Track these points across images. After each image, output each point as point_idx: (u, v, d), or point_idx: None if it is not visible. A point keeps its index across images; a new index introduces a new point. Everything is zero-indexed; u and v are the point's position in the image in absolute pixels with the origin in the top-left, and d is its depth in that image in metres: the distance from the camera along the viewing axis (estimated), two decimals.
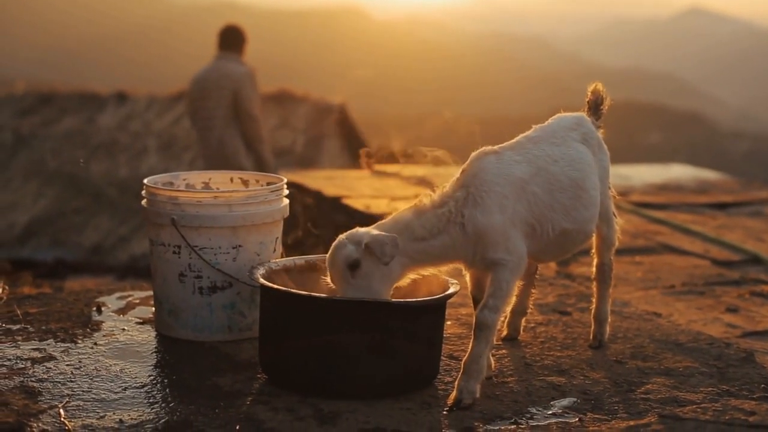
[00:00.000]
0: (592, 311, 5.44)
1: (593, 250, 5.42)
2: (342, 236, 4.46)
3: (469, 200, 4.52)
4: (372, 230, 4.45)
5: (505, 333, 5.47)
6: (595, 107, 5.33)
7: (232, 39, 12.13)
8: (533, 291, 5.51)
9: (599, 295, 5.41)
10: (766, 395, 4.73)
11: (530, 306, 5.54)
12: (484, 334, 4.49)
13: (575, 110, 5.29)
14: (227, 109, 11.74)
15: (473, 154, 4.70)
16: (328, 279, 4.53)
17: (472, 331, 4.52)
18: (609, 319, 5.45)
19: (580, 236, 4.92)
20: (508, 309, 4.75)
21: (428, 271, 4.69)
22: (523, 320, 5.51)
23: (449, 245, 4.52)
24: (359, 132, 23.98)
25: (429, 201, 4.57)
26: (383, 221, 4.58)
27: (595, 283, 5.44)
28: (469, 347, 4.52)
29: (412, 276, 4.67)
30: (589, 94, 5.36)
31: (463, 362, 4.54)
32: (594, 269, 5.43)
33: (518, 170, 4.64)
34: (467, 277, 4.82)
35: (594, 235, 5.24)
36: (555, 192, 4.72)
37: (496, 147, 4.77)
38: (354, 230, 4.48)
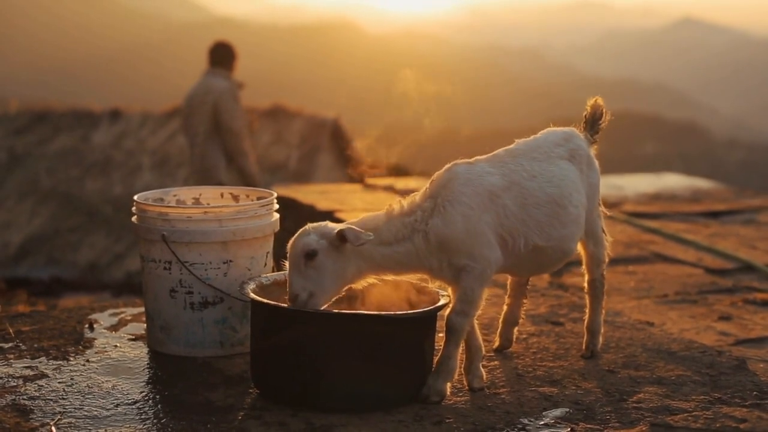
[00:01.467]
0: (585, 322, 5.43)
1: (584, 266, 5.41)
2: (309, 225, 4.54)
3: (436, 210, 4.56)
4: (328, 226, 4.53)
5: (497, 344, 5.45)
6: (592, 122, 5.28)
7: (219, 55, 12.24)
8: (525, 301, 5.47)
9: (591, 308, 5.39)
10: (758, 402, 4.74)
11: (522, 316, 5.50)
12: (453, 337, 4.60)
13: (570, 123, 5.28)
14: (208, 124, 11.81)
15: (447, 165, 4.73)
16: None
17: (444, 334, 4.63)
18: (602, 330, 5.42)
19: (557, 254, 4.88)
20: (476, 314, 4.69)
21: (390, 276, 4.75)
22: (515, 330, 5.48)
23: (413, 253, 4.57)
24: (353, 146, 24.00)
25: (398, 208, 4.64)
26: (352, 221, 4.63)
27: (587, 297, 5.42)
28: (441, 349, 4.63)
29: (371, 280, 4.73)
30: (588, 108, 5.31)
31: (435, 362, 4.64)
32: (586, 284, 5.42)
33: (488, 181, 4.64)
34: (449, 290, 4.84)
35: (583, 251, 5.26)
36: (529, 207, 4.70)
37: (472, 159, 4.78)
38: (323, 222, 4.56)
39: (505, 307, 5.42)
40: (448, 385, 4.67)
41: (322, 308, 4.52)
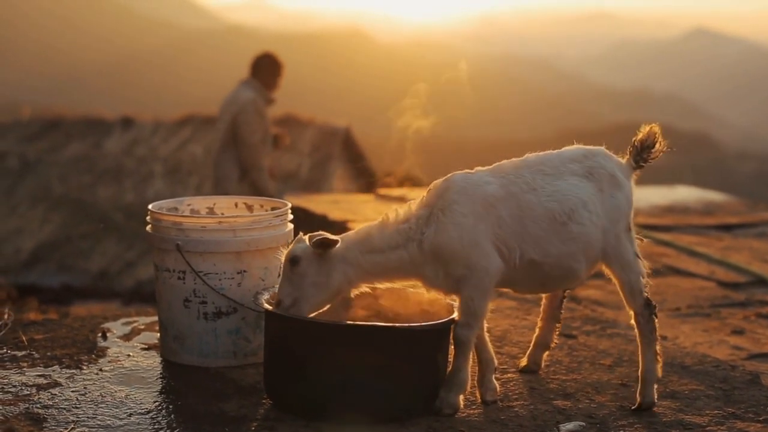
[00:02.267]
0: (640, 369, 4.91)
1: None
2: (305, 235, 4.60)
3: (431, 219, 4.57)
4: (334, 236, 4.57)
5: (524, 364, 5.36)
6: (640, 148, 5.00)
7: (256, 66, 12.02)
8: (558, 325, 5.33)
9: (641, 350, 4.91)
10: None
11: (555, 341, 5.36)
12: (461, 349, 4.60)
13: (582, 133, 5.21)
14: (226, 133, 11.76)
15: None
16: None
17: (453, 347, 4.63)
18: (658, 377, 4.90)
19: (557, 271, 4.73)
20: (481, 325, 4.65)
21: (384, 284, 4.77)
22: (545, 355, 5.36)
23: (406, 261, 4.58)
24: (365, 155, 24.01)
25: (394, 216, 4.65)
26: (350, 232, 4.68)
27: (637, 337, 4.97)
28: (452, 361, 4.63)
29: (364, 289, 4.75)
30: (640, 133, 5.03)
31: (447, 374, 4.64)
32: (632, 321, 4.98)
33: (484, 190, 4.61)
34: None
35: (613, 279, 4.95)
36: (525, 220, 4.63)
37: (473, 169, 4.76)
38: (319, 232, 4.58)
39: (537, 330, 5.33)
40: (461, 397, 4.67)
41: (338, 320, 4.53)
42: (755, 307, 7.21)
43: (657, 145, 5.02)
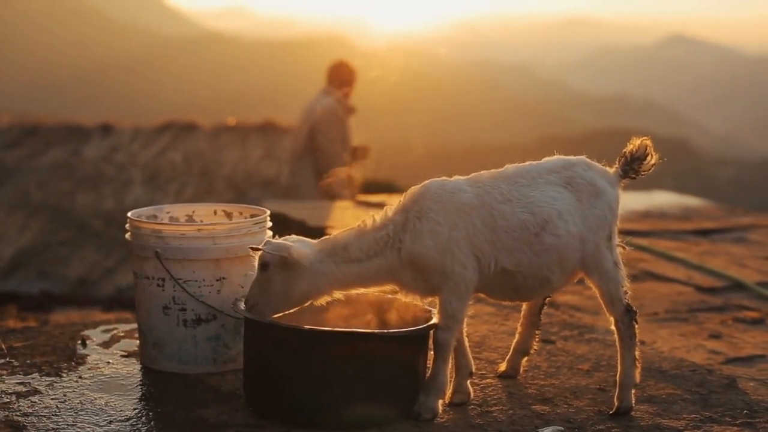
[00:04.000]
0: (617, 375, 4.94)
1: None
2: (290, 237, 4.66)
3: (407, 225, 4.60)
4: (303, 242, 4.63)
5: (503, 369, 5.39)
6: (630, 160, 4.99)
7: (331, 74, 11.98)
8: (537, 332, 5.35)
9: (620, 355, 4.93)
10: (749, 421, 4.77)
11: (534, 347, 5.37)
12: (440, 352, 4.64)
13: (562, 140, 5.24)
14: (304, 142, 11.70)
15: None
16: None
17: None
18: (635, 381, 4.91)
19: (531, 281, 4.75)
20: (460, 328, 4.69)
21: (359, 291, 4.78)
22: (524, 360, 5.39)
23: (385, 268, 4.61)
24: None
25: (371, 223, 4.67)
26: (324, 239, 4.69)
27: (616, 342, 4.98)
28: (431, 366, 4.68)
29: (338, 296, 4.74)
30: (630, 145, 5.02)
31: (426, 379, 4.69)
32: (613, 327, 4.99)
33: (458, 198, 4.64)
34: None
35: (593, 287, 4.96)
36: (498, 230, 4.64)
37: (452, 177, 4.79)
38: (300, 238, 4.66)
39: (517, 336, 5.35)
40: (440, 402, 4.69)
41: (316, 326, 4.54)
42: (732, 312, 7.25)
43: (649, 158, 5.02)
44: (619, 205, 5.00)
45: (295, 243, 4.60)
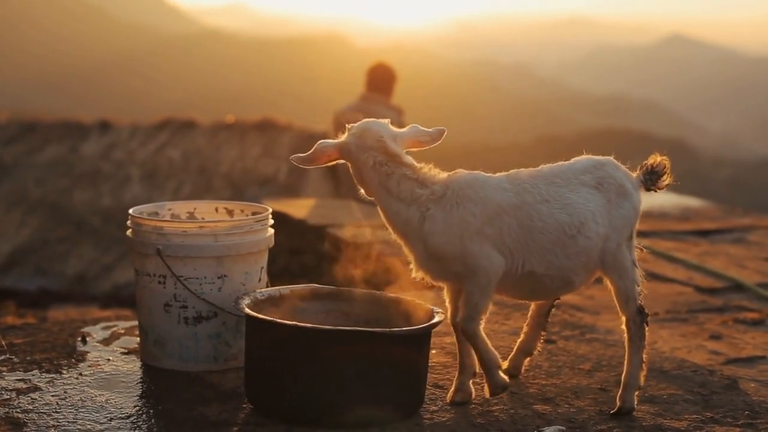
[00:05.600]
0: (623, 374, 4.94)
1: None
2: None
3: (442, 201, 4.61)
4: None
5: (505, 367, 5.31)
6: (650, 172, 5.02)
7: (380, 80, 11.67)
8: (543, 333, 5.34)
9: (628, 356, 4.92)
10: (751, 422, 4.76)
11: (538, 348, 5.36)
12: (472, 340, 4.69)
13: (559, 139, 5.24)
14: None
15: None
16: None
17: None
18: (640, 384, 4.90)
19: (555, 283, 4.78)
20: (484, 317, 4.69)
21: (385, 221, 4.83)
22: (527, 360, 5.38)
23: (402, 218, 4.67)
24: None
25: (419, 174, 4.71)
26: (383, 146, 4.74)
27: (625, 342, 4.97)
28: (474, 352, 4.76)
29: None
30: (650, 160, 5.03)
31: (479, 364, 4.77)
32: (623, 326, 4.97)
33: (499, 196, 4.64)
34: (447, 302, 4.86)
35: (609, 286, 4.95)
36: (534, 231, 4.65)
37: (497, 174, 4.81)
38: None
39: (522, 335, 5.33)
40: (500, 372, 4.75)
41: (318, 324, 4.54)
42: (732, 313, 7.25)
43: (665, 177, 5.04)
44: (641, 207, 5.02)
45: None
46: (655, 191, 5.07)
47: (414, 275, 4.84)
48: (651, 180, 5.02)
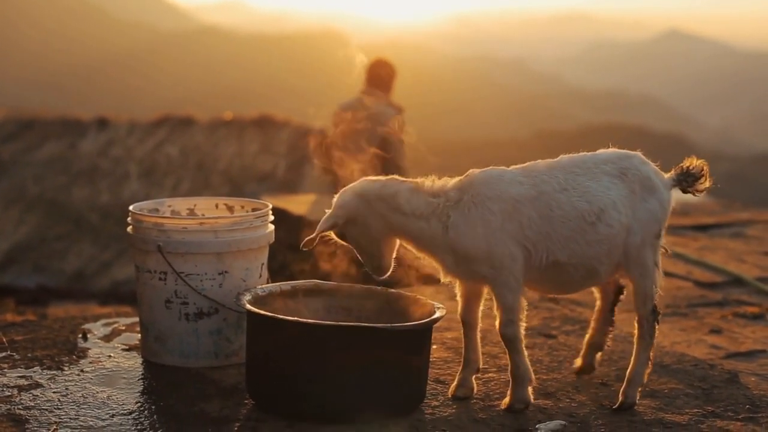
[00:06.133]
0: (628, 369, 4.97)
1: (597, 297, 5.25)
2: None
3: (459, 205, 4.60)
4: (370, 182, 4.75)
5: (579, 365, 5.35)
6: (686, 173, 5.04)
7: (379, 77, 11.47)
8: (611, 329, 5.33)
9: (636, 353, 4.94)
10: (751, 416, 4.77)
11: (608, 344, 5.36)
12: (511, 345, 4.68)
13: (558, 134, 5.24)
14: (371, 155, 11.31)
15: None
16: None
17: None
18: (644, 381, 4.93)
19: (580, 272, 4.75)
20: (522, 318, 4.70)
21: (411, 247, 4.78)
22: (598, 356, 5.36)
23: (427, 235, 4.63)
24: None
25: (428, 185, 4.69)
26: (380, 177, 4.74)
27: (635, 338, 5.00)
28: (508, 360, 4.73)
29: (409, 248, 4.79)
30: (686, 162, 5.05)
31: (509, 373, 4.73)
32: (635, 323, 5.00)
33: (515, 190, 4.64)
34: (458, 296, 4.86)
35: (629, 282, 4.99)
36: (554, 220, 4.64)
37: (510, 167, 4.80)
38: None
39: (590, 331, 5.33)
40: (529, 389, 4.73)
41: (319, 320, 4.55)
42: (732, 307, 7.26)
43: (702, 180, 5.06)
44: (671, 207, 5.03)
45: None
46: (693, 194, 5.08)
47: (442, 280, 4.85)
48: (687, 182, 5.03)
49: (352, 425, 4.44)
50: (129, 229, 5.44)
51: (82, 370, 5.21)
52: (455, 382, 4.91)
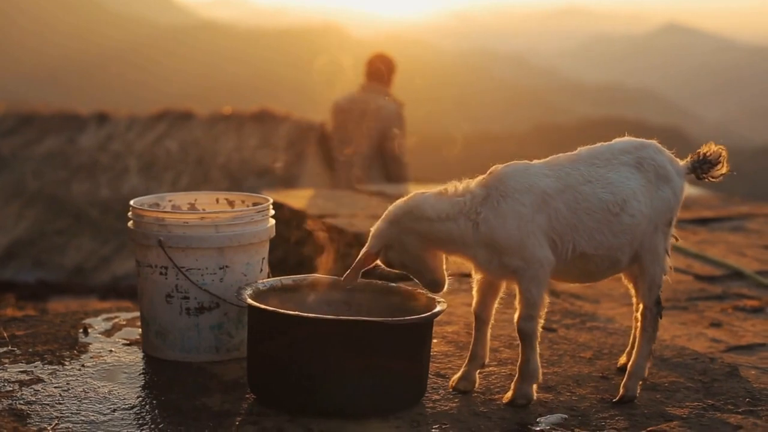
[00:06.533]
0: (630, 362, 5.02)
1: (633, 294, 5.19)
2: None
3: (488, 201, 4.60)
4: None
5: (623, 361, 5.31)
6: (702, 160, 5.07)
7: (379, 71, 11.50)
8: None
9: (638, 346, 4.99)
10: (752, 409, 4.77)
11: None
12: (527, 341, 4.69)
13: (557, 128, 5.24)
14: (371, 149, 11.30)
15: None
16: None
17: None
18: (645, 374, 4.98)
19: (605, 262, 4.78)
20: (542, 313, 4.72)
21: (443, 253, 4.78)
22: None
23: (456, 235, 4.61)
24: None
25: (453, 189, 4.69)
26: (404, 198, 4.74)
27: (637, 331, 5.08)
28: (519, 354, 4.72)
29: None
30: (703, 149, 5.11)
31: (517, 367, 4.74)
32: (638, 314, 5.07)
33: (543, 183, 4.65)
34: (474, 291, 4.87)
35: (638, 268, 4.98)
36: (580, 212, 4.66)
37: (533, 161, 4.82)
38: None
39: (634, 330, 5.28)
40: (534, 387, 4.74)
41: (320, 314, 4.56)
42: (732, 300, 7.26)
43: (720, 166, 5.08)
44: (683, 195, 5.04)
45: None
46: (708, 181, 5.09)
47: (474, 276, 4.87)
48: (703, 169, 5.05)
49: (354, 419, 4.45)
50: (130, 223, 5.44)
51: (83, 365, 5.21)
52: (458, 375, 4.93)
